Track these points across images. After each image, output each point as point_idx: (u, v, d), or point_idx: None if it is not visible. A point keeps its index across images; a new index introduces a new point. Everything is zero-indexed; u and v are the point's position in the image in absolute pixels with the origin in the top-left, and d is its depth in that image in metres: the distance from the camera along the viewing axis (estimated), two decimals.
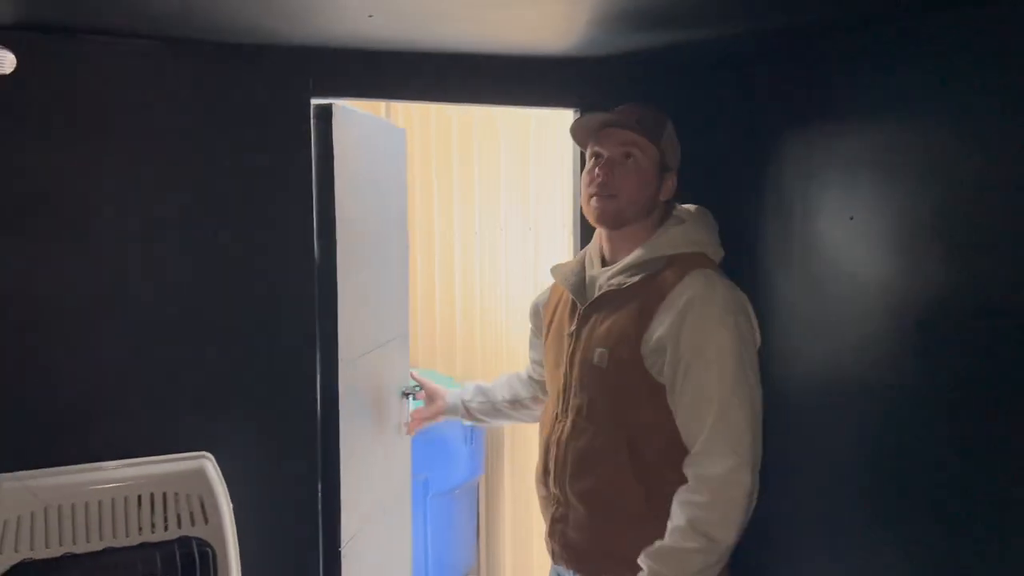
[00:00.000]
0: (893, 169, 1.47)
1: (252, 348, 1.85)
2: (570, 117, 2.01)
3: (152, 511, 1.66)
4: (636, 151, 1.66)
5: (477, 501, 3.50)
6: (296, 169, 1.85)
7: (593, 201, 1.68)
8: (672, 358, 1.57)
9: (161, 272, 1.77)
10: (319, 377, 1.91)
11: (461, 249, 3.50)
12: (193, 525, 1.68)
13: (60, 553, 1.58)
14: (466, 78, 1.96)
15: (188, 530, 1.68)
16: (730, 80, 1.98)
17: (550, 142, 3.35)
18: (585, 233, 2.04)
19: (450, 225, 3.49)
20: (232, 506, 1.74)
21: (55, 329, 1.70)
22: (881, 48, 1.51)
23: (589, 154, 1.72)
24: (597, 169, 1.67)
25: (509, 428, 3.47)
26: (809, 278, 1.70)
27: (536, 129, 3.41)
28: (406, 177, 2.51)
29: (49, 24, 1.60)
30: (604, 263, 1.75)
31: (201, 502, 1.69)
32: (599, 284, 1.70)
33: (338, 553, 1.95)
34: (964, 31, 1.33)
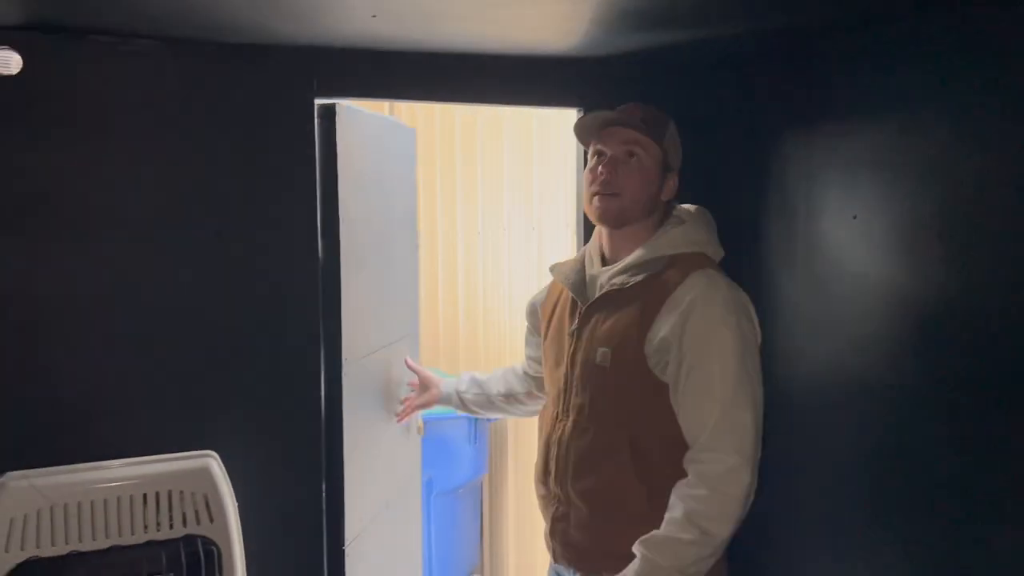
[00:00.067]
0: (895, 168, 1.47)
1: (256, 347, 1.85)
2: (573, 117, 2.01)
3: (157, 510, 1.67)
4: (639, 150, 1.66)
5: (481, 500, 3.50)
6: (300, 169, 1.86)
7: (595, 200, 1.68)
8: (675, 358, 1.57)
9: (165, 272, 1.78)
10: (323, 376, 1.92)
11: (464, 249, 3.51)
12: (198, 524, 1.69)
13: (66, 551, 1.59)
14: (469, 78, 1.97)
15: (193, 528, 1.69)
16: (731, 80, 1.98)
17: (553, 142, 3.36)
18: (588, 233, 2.04)
19: (453, 225, 3.50)
20: (237, 505, 1.75)
21: (61, 328, 1.71)
22: (881, 48, 1.51)
23: (592, 153, 1.72)
24: (600, 167, 1.67)
25: (512, 428, 3.48)
26: (811, 277, 1.70)
27: (539, 129, 3.41)
28: (416, 176, 2.51)
29: (53, 24, 1.60)
30: (604, 262, 1.75)
31: (206, 501, 1.70)
32: (600, 283, 1.70)
33: (342, 552, 1.96)
34: (964, 31, 1.33)
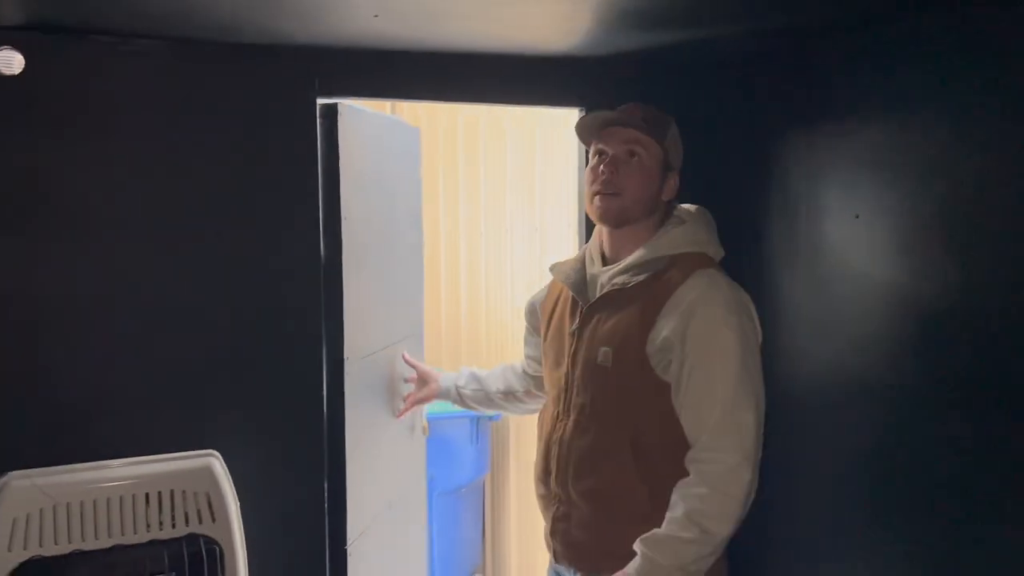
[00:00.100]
0: (896, 168, 1.47)
1: (258, 347, 1.85)
2: (575, 116, 2.00)
3: (160, 509, 1.67)
4: (641, 150, 1.66)
5: (483, 500, 3.50)
6: (302, 169, 1.86)
7: (597, 199, 1.68)
8: (678, 357, 1.57)
9: (167, 271, 1.78)
10: (325, 376, 1.92)
11: (467, 249, 3.51)
12: (200, 523, 1.69)
13: (69, 550, 1.59)
14: (470, 77, 1.97)
15: (196, 528, 1.69)
16: (732, 79, 1.98)
17: (555, 142, 3.36)
18: (590, 232, 2.03)
19: (456, 225, 3.50)
20: (239, 504, 1.75)
21: (64, 328, 1.71)
22: (882, 48, 1.51)
23: (593, 152, 1.72)
24: (602, 167, 1.67)
25: (514, 427, 3.48)
26: (813, 277, 1.70)
27: (542, 129, 3.41)
28: (420, 176, 2.50)
29: (56, 25, 1.61)
30: (605, 262, 1.75)
31: (208, 500, 1.70)
32: (601, 283, 1.70)
33: (344, 551, 1.96)
34: (964, 31, 1.33)
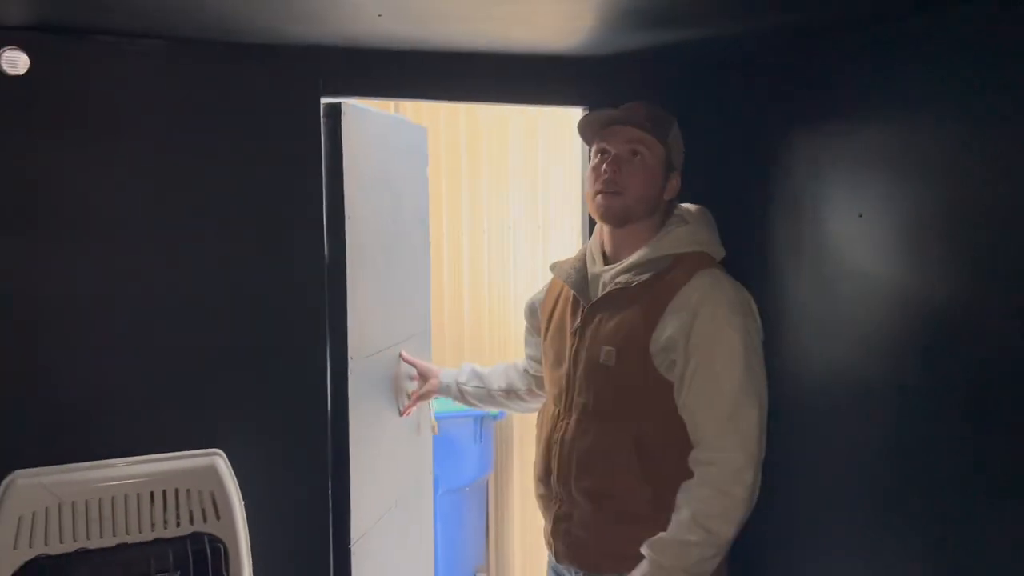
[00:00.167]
0: (899, 167, 1.47)
1: (262, 346, 1.86)
2: (578, 115, 2.00)
3: (164, 507, 1.68)
4: (643, 149, 1.66)
5: (486, 499, 3.51)
6: (306, 168, 1.86)
7: (599, 198, 1.67)
8: (682, 357, 1.57)
9: (172, 271, 1.78)
10: (329, 375, 1.92)
11: (470, 248, 3.51)
12: (205, 521, 1.70)
13: (74, 549, 1.60)
14: (474, 77, 1.97)
15: (200, 526, 1.69)
16: (735, 78, 1.98)
17: (558, 140, 3.36)
18: (594, 231, 2.04)
19: (459, 224, 3.50)
20: (243, 503, 1.76)
21: (70, 328, 1.72)
22: (884, 46, 1.50)
23: (595, 151, 1.72)
24: (604, 165, 1.67)
25: (518, 426, 3.48)
26: (817, 276, 1.69)
27: (544, 128, 3.41)
28: (427, 175, 2.50)
29: (60, 25, 1.61)
30: (606, 261, 1.75)
31: (213, 498, 1.71)
32: (603, 282, 1.70)
33: (348, 550, 1.96)
34: (966, 29, 1.33)
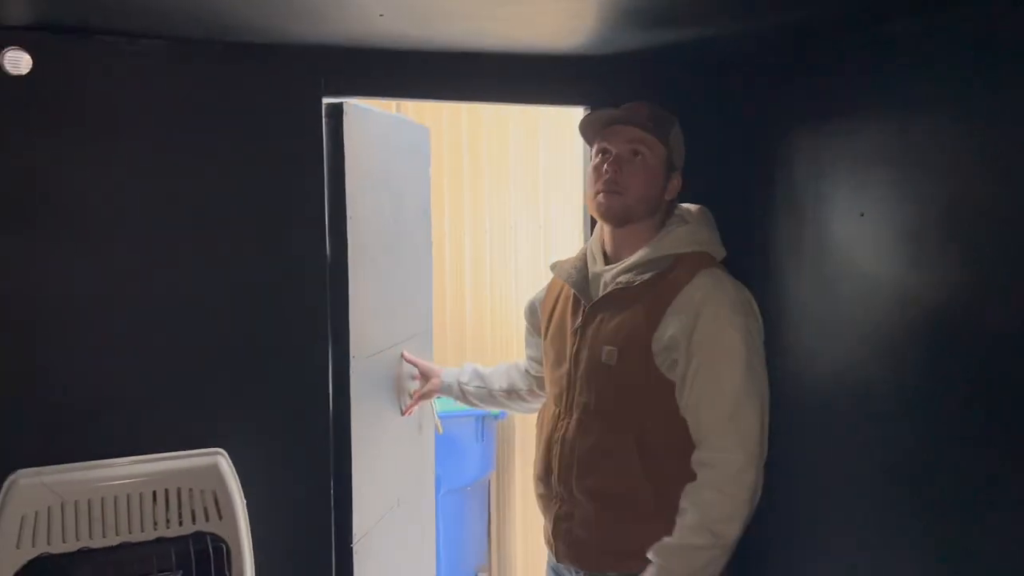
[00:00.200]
0: (902, 166, 1.46)
1: (264, 346, 1.86)
2: (580, 115, 2.00)
3: (167, 507, 1.68)
4: (644, 149, 1.66)
5: (488, 498, 3.51)
6: (307, 168, 1.86)
7: (600, 197, 1.67)
8: (684, 357, 1.57)
9: (174, 270, 1.78)
10: (331, 374, 1.92)
11: (472, 247, 3.51)
12: (207, 521, 1.70)
13: (77, 548, 1.60)
14: (476, 76, 1.97)
15: (202, 525, 1.69)
16: (735, 78, 1.98)
17: (560, 141, 3.36)
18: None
19: (460, 223, 3.50)
20: (245, 502, 1.76)
21: (73, 327, 1.72)
22: (886, 46, 1.50)
23: (596, 150, 1.72)
24: (605, 165, 1.67)
25: (520, 425, 3.48)
26: (819, 276, 1.69)
27: (546, 127, 3.41)
28: (430, 174, 2.50)
29: (64, 25, 1.61)
30: (607, 260, 1.75)
31: (215, 498, 1.71)
32: (604, 281, 1.70)
33: (350, 549, 1.96)
34: (968, 29, 1.32)
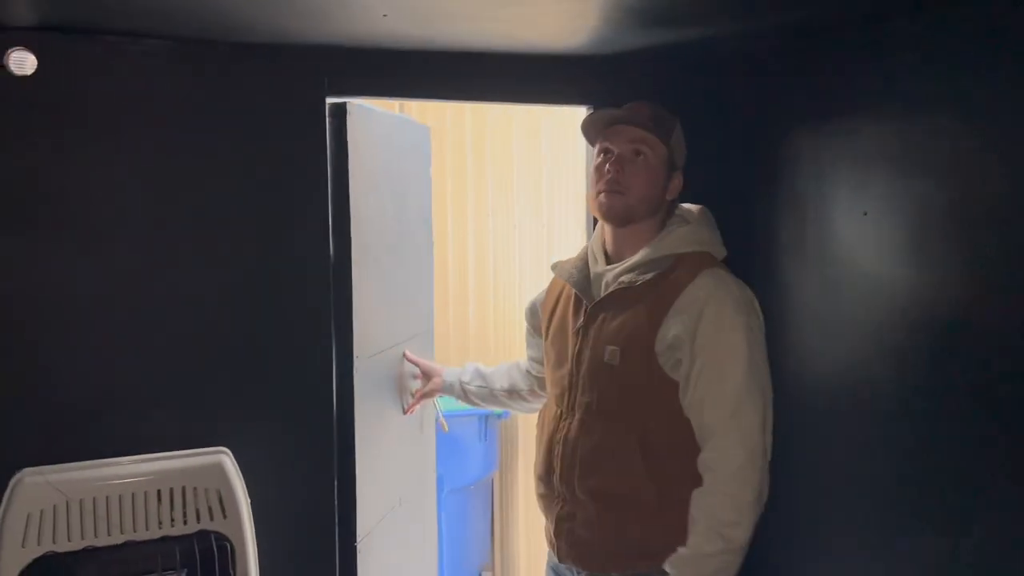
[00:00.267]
0: (904, 165, 1.47)
1: (268, 345, 1.86)
2: (582, 114, 2.01)
3: (171, 506, 1.68)
4: (646, 149, 1.66)
5: (491, 497, 3.51)
6: (311, 168, 1.87)
7: (602, 197, 1.67)
8: (687, 356, 1.57)
9: (177, 270, 1.79)
10: (335, 374, 1.93)
11: (475, 247, 3.51)
12: (212, 519, 1.70)
13: (81, 547, 1.60)
14: (479, 76, 1.97)
15: (207, 524, 1.70)
16: (736, 78, 1.98)
17: (563, 140, 3.36)
18: None
19: (464, 223, 3.50)
20: (249, 501, 1.76)
21: (77, 326, 1.72)
22: (888, 45, 1.50)
23: (598, 150, 1.72)
24: (607, 165, 1.67)
25: (523, 425, 3.48)
26: (821, 275, 1.69)
27: (548, 127, 3.41)
28: (431, 174, 2.51)
29: (68, 25, 1.62)
30: (608, 260, 1.75)
31: (219, 497, 1.71)
32: (606, 281, 1.70)
33: (354, 548, 1.97)
34: (970, 28, 1.32)
